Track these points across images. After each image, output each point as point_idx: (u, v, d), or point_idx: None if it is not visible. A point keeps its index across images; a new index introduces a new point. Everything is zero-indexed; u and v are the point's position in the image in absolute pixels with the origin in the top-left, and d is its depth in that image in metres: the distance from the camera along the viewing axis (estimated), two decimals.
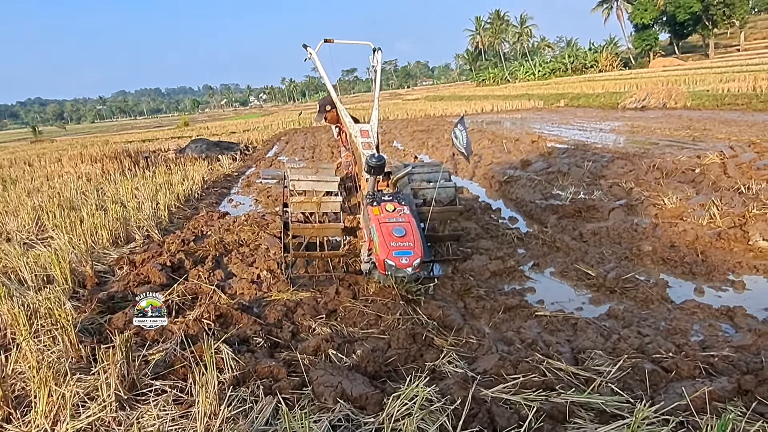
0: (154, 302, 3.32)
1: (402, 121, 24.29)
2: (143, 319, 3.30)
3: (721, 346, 2.84)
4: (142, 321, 3.30)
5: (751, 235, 4.52)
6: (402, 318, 3.40)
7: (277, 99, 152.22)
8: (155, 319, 3.31)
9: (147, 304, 3.30)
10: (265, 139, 21.94)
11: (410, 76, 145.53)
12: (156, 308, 3.32)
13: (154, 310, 3.32)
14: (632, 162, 8.09)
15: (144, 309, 3.31)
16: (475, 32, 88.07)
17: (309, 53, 4.77)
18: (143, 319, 3.30)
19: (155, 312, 3.31)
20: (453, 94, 48.56)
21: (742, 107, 15.69)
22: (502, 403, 2.32)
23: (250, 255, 5.24)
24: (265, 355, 3.05)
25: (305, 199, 4.33)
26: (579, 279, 4.21)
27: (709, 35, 55.30)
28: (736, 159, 6.81)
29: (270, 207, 7.78)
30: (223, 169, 12.49)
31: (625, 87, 25.69)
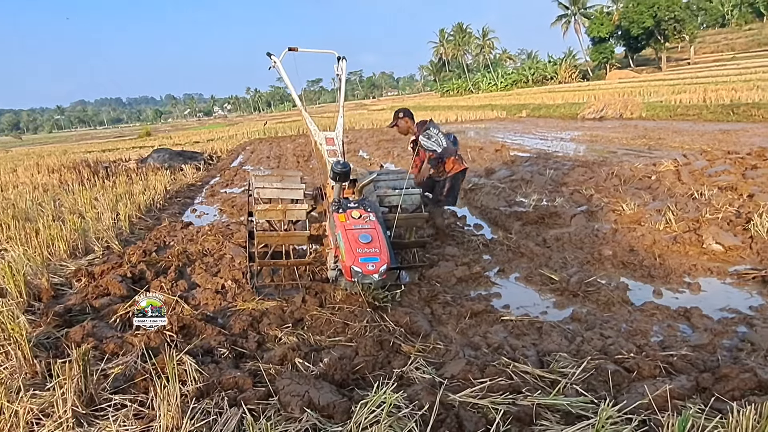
0: (154, 302, 3.35)
1: (368, 131, 24.37)
2: (143, 319, 3.34)
3: (679, 346, 2.93)
4: (142, 321, 3.33)
5: (704, 238, 4.69)
6: (369, 325, 3.37)
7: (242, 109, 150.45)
8: (155, 319, 3.35)
9: (147, 304, 3.34)
10: (229, 148, 21.64)
11: (375, 87, 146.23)
12: (156, 308, 3.35)
13: (154, 310, 3.35)
14: (592, 170, 8.31)
15: (144, 309, 3.35)
16: (439, 44, 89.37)
17: (273, 61, 4.74)
18: (143, 319, 3.34)
19: (155, 312, 3.35)
20: (418, 105, 48.93)
21: (693, 117, 16.33)
22: (470, 408, 2.32)
23: (214, 265, 5.15)
24: (229, 365, 2.98)
25: (270, 207, 4.27)
26: (543, 284, 4.28)
27: (661, 49, 57.56)
28: (690, 166, 7.08)
29: (235, 216, 7.68)
30: (187, 178, 12.25)
31: (583, 98, 26.41)
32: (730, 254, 4.49)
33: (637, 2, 54.25)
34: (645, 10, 52.44)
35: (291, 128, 28.86)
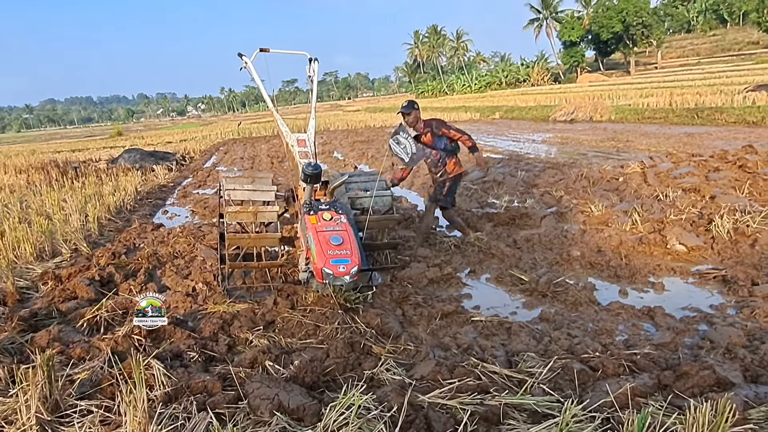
0: (154, 302, 3.34)
1: (342, 132, 24.34)
2: (143, 319, 3.32)
3: (643, 345, 3.01)
4: (142, 321, 3.32)
5: (668, 239, 4.82)
6: (340, 327, 3.37)
7: (216, 109, 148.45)
8: (155, 319, 3.33)
9: (147, 304, 3.33)
10: (202, 149, 21.41)
11: (351, 88, 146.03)
12: (156, 308, 3.34)
13: (154, 310, 3.34)
14: (562, 171, 8.46)
15: (144, 309, 3.33)
16: (414, 46, 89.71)
17: (244, 62, 4.71)
18: (143, 319, 3.32)
19: (155, 312, 3.34)
20: (393, 106, 49.08)
21: (660, 121, 16.76)
22: (439, 408, 2.35)
23: (185, 267, 5.09)
24: (199, 369, 2.96)
25: (241, 209, 4.24)
26: (513, 284, 4.34)
27: (629, 53, 58.85)
28: (655, 168, 7.26)
29: (207, 218, 7.60)
30: (158, 179, 12.09)
31: (555, 101, 26.88)
32: (693, 254, 4.63)
33: (606, 7, 55.47)
34: (614, 15, 53.59)
35: (265, 129, 28.65)
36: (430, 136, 5.25)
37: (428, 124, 5.28)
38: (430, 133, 5.25)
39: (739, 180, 6.17)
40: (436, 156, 5.28)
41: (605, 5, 56.06)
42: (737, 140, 10.61)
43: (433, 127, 5.24)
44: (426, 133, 5.26)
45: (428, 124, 5.29)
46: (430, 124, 5.28)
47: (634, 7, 52.30)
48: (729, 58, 55.66)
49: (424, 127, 5.27)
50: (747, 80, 23.74)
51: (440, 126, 5.24)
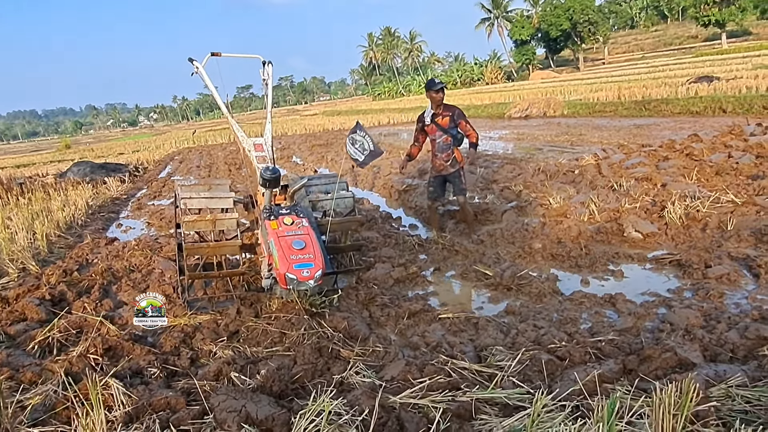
0: (154, 302, 3.34)
1: (300, 136, 24.15)
2: (143, 319, 3.33)
3: (606, 331, 3.07)
4: (142, 321, 3.33)
5: (625, 227, 4.95)
6: (307, 332, 3.31)
7: (169, 118, 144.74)
8: (155, 319, 3.34)
9: (147, 303, 3.33)
10: (157, 159, 20.89)
11: (307, 92, 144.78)
12: (156, 308, 3.34)
13: (154, 310, 3.34)
14: (520, 166, 8.60)
15: (144, 309, 3.32)
16: (368, 48, 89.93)
17: (195, 67, 4.58)
18: (143, 319, 3.33)
19: (155, 312, 3.34)
20: (350, 109, 49.13)
21: (610, 114, 17.28)
22: (411, 408, 2.32)
23: (142, 281, 4.96)
24: (161, 386, 2.85)
25: (199, 218, 4.12)
26: (478, 279, 4.37)
27: (578, 50, 60.58)
28: (609, 160, 7.47)
29: (164, 229, 7.40)
30: (111, 192, 11.71)
31: (509, 98, 27.38)
32: (649, 241, 4.77)
33: (554, 6, 56.94)
34: (562, 13, 55.09)
35: (222, 136, 28.19)
36: (448, 120, 5.32)
37: (450, 109, 5.34)
38: (449, 117, 5.31)
39: (687, 168, 6.40)
40: (446, 141, 5.36)
41: (553, 4, 57.54)
42: (683, 130, 11.03)
43: (455, 115, 5.30)
44: (444, 117, 5.32)
45: (450, 109, 5.35)
46: (452, 110, 5.35)
47: (580, 5, 53.87)
48: (671, 52, 58.00)
49: (445, 110, 5.34)
50: (688, 73, 24.79)
51: (461, 116, 5.32)
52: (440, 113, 5.31)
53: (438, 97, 5.24)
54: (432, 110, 5.35)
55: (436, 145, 5.42)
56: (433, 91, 5.25)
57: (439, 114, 5.32)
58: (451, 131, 5.31)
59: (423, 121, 5.46)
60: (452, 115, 5.28)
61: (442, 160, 5.43)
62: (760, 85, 15.20)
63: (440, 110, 5.31)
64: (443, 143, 5.36)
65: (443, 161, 5.43)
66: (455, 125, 5.29)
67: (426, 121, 5.43)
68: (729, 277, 3.71)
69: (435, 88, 5.23)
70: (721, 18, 46.23)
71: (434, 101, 5.28)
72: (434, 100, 5.28)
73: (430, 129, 5.41)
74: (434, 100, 5.28)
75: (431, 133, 5.41)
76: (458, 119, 5.27)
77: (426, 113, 5.44)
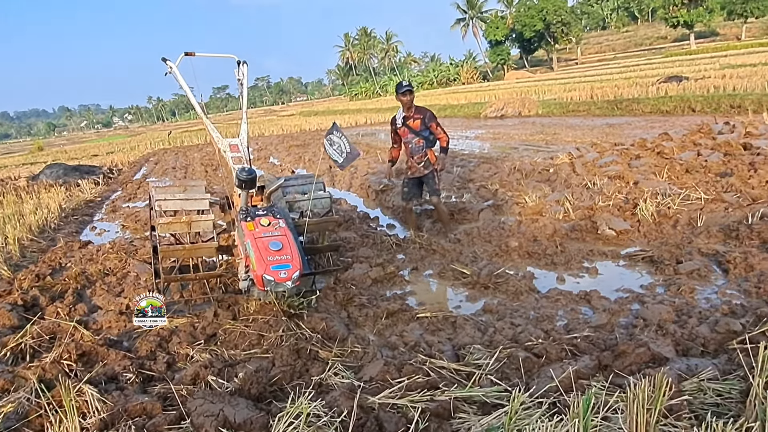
0: (154, 302, 3.37)
1: (278, 137, 23.96)
2: (143, 319, 3.36)
3: (582, 328, 3.11)
4: (142, 321, 3.36)
5: (599, 225, 5.03)
6: (285, 334, 3.29)
7: (144, 119, 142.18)
8: (155, 319, 3.37)
9: (147, 304, 3.35)
10: (131, 160, 20.54)
11: (284, 93, 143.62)
12: (156, 308, 3.36)
13: (155, 310, 3.36)
14: (496, 165, 8.68)
15: (144, 309, 3.34)
16: (345, 48, 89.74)
17: (169, 67, 4.52)
18: (143, 319, 3.36)
19: (155, 312, 3.36)
20: (327, 109, 48.92)
21: (583, 113, 17.54)
22: (389, 408, 2.32)
23: (117, 284, 4.89)
24: (137, 391, 2.81)
25: (174, 220, 4.06)
26: (456, 278, 4.40)
27: (552, 50, 61.51)
28: (582, 159, 7.59)
29: (139, 232, 7.29)
30: (84, 194, 11.47)
31: (485, 98, 27.58)
32: (622, 238, 4.86)
33: (528, 7, 57.69)
34: (535, 14, 55.83)
35: (198, 137, 27.80)
36: (419, 122, 5.31)
37: (421, 111, 5.34)
38: (420, 120, 5.30)
39: (658, 166, 6.53)
40: (419, 143, 5.36)
41: (526, 5, 58.28)
42: (654, 129, 11.26)
43: (426, 117, 5.30)
44: (416, 119, 5.31)
45: (422, 111, 5.35)
46: (423, 112, 5.34)
47: (553, 6, 54.66)
48: (641, 52, 59.20)
49: (416, 112, 5.33)
50: (659, 72, 25.30)
51: (432, 119, 5.32)
52: (411, 116, 5.32)
53: (406, 99, 5.24)
54: (403, 113, 5.35)
55: (410, 147, 5.42)
56: (400, 94, 5.25)
57: (410, 116, 5.32)
58: (423, 133, 5.32)
59: (395, 124, 5.47)
60: (423, 117, 5.29)
61: (416, 163, 5.45)
62: (727, 84, 15.59)
63: (411, 113, 5.32)
64: (416, 145, 5.38)
65: (416, 163, 5.45)
66: (426, 127, 5.31)
67: (398, 123, 5.43)
68: (699, 273, 3.80)
69: (402, 91, 5.23)
70: (689, 19, 47.41)
71: (404, 104, 5.29)
72: (404, 103, 5.29)
73: (402, 132, 5.41)
74: (404, 103, 5.29)
75: (404, 135, 5.42)
76: (429, 122, 5.29)
77: (398, 116, 5.44)
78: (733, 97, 13.49)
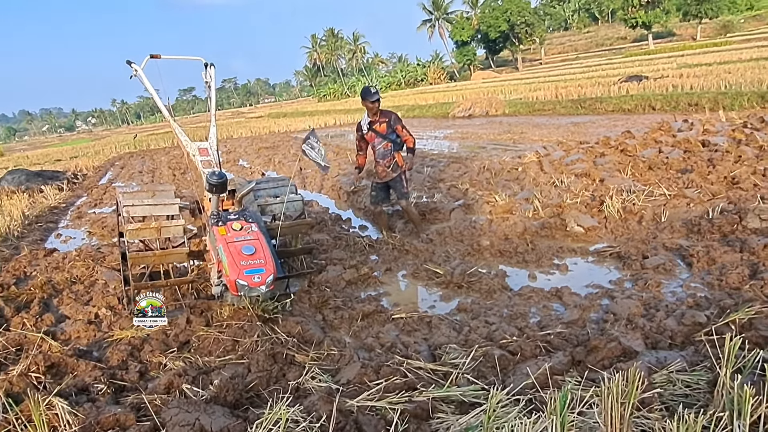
0: (154, 302, 3.37)
1: (246, 139, 23.67)
2: (143, 319, 3.35)
3: (554, 325, 3.17)
4: (142, 321, 3.35)
5: (567, 222, 5.14)
6: (260, 339, 3.26)
7: (108, 122, 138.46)
8: (156, 319, 3.37)
9: (147, 304, 3.35)
10: (96, 165, 20.03)
11: (252, 94, 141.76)
12: (156, 308, 3.36)
13: (155, 310, 3.36)
14: (465, 165, 8.77)
15: (144, 309, 3.33)
16: (312, 49, 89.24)
17: (134, 70, 4.41)
18: (143, 320, 3.35)
19: (155, 312, 3.36)
20: (296, 111, 48.55)
21: (549, 113, 17.87)
22: (368, 411, 2.32)
23: (85, 293, 4.79)
24: (109, 402, 2.74)
25: (143, 226, 3.97)
26: (429, 278, 4.43)
27: (516, 51, 62.40)
28: (549, 157, 7.72)
29: (107, 238, 7.12)
30: (48, 200, 11.15)
31: (452, 98, 27.80)
32: (590, 234, 4.97)
33: (492, 8, 58.38)
34: (500, 15, 56.57)
35: (165, 140, 27.25)
36: (385, 126, 5.28)
37: (386, 115, 5.32)
38: (386, 123, 5.28)
39: (622, 163, 6.71)
40: (386, 147, 5.35)
41: (491, 6, 58.98)
42: (617, 127, 11.55)
43: (392, 120, 5.28)
44: (381, 123, 5.29)
45: (386, 114, 5.33)
46: (388, 115, 5.32)
47: (517, 7, 55.51)
48: (603, 52, 60.61)
49: (382, 116, 5.30)
50: (619, 72, 25.97)
51: (398, 121, 5.31)
52: (377, 120, 5.31)
53: (374, 106, 5.24)
54: (369, 118, 5.34)
55: (377, 151, 5.42)
56: (369, 101, 5.22)
57: (376, 121, 5.31)
58: (390, 136, 5.32)
59: (361, 130, 5.45)
60: (389, 120, 5.29)
61: (384, 166, 5.44)
62: (685, 83, 16.11)
63: (377, 117, 5.31)
64: (383, 149, 5.38)
65: (385, 167, 5.44)
66: (393, 130, 5.31)
67: (364, 129, 5.42)
68: (665, 267, 3.92)
69: (371, 99, 5.20)
70: (647, 20, 48.76)
71: (370, 110, 5.28)
72: (370, 109, 5.28)
73: (369, 137, 5.39)
74: (370, 109, 5.28)
75: (371, 140, 5.40)
76: (395, 124, 5.29)
77: (363, 122, 5.43)
78: (691, 96, 13.94)
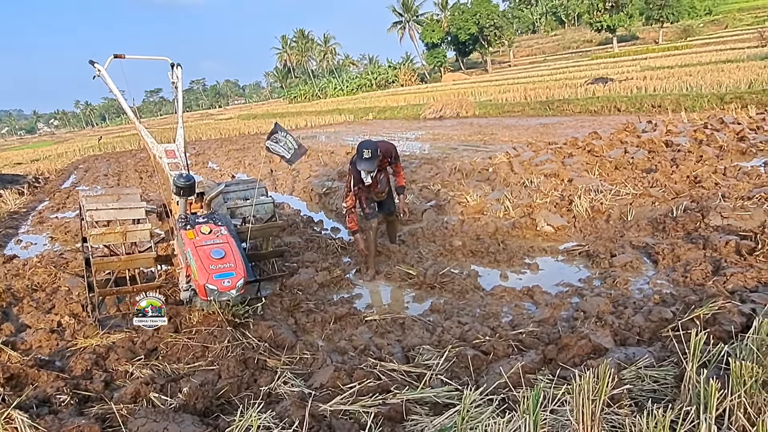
0: (154, 302, 3.36)
1: (216, 141, 23.33)
2: (143, 319, 3.34)
3: (526, 323, 3.20)
4: (142, 321, 3.34)
5: (537, 221, 5.20)
6: (231, 344, 3.20)
7: (72, 125, 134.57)
8: (155, 319, 3.36)
9: (147, 304, 3.34)
10: (59, 168, 19.48)
11: (221, 96, 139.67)
12: (156, 308, 3.35)
13: (155, 310, 3.35)
14: (437, 166, 8.80)
15: (144, 309, 3.33)
16: (282, 50, 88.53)
17: (97, 70, 4.29)
18: (143, 320, 3.34)
19: (155, 312, 3.35)
20: (266, 112, 48.04)
21: (518, 114, 18.11)
22: (342, 415, 2.30)
23: (47, 300, 4.61)
24: (72, 413, 2.65)
25: (108, 230, 3.86)
26: (402, 279, 4.42)
27: (486, 53, 63.06)
28: (519, 158, 7.82)
29: (70, 243, 6.89)
30: (8, 205, 10.79)
31: (423, 99, 27.91)
32: (560, 233, 5.04)
33: (462, 11, 58.93)
34: (469, 18, 57.14)
35: (131, 142, 26.66)
36: (387, 162, 4.74)
37: (388, 154, 4.71)
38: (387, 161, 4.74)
39: (590, 163, 6.84)
40: (386, 176, 4.79)
41: (461, 9, 59.53)
42: (584, 128, 11.77)
43: (393, 157, 4.76)
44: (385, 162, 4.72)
45: (388, 153, 4.72)
46: (390, 153, 4.74)
47: (486, 10, 56.14)
48: (570, 55, 61.79)
49: (384, 157, 4.66)
50: (586, 74, 26.45)
51: (397, 159, 4.82)
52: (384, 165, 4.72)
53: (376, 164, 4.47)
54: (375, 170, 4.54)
55: (378, 183, 4.73)
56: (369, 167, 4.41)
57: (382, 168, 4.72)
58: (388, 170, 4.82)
59: (362, 182, 4.57)
60: (390, 158, 4.74)
61: (381, 190, 4.83)
62: (648, 85, 16.51)
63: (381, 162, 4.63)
64: (383, 179, 4.78)
65: (382, 190, 4.84)
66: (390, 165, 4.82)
67: (366, 181, 4.54)
68: (632, 265, 4.00)
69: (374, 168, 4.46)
70: (611, 23, 49.88)
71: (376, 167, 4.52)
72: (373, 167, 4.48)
73: (372, 185, 4.62)
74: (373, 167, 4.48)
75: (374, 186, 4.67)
76: (396, 161, 4.80)
77: (363, 175, 4.53)
78: (654, 98, 14.31)
